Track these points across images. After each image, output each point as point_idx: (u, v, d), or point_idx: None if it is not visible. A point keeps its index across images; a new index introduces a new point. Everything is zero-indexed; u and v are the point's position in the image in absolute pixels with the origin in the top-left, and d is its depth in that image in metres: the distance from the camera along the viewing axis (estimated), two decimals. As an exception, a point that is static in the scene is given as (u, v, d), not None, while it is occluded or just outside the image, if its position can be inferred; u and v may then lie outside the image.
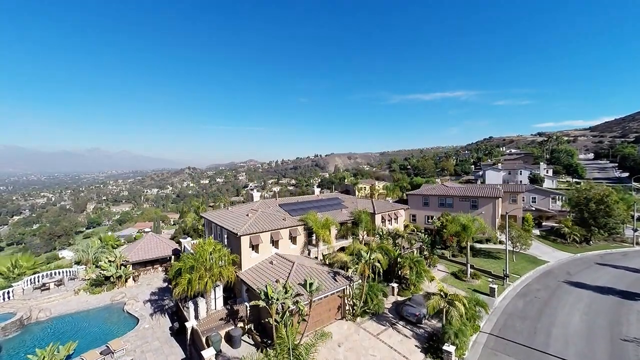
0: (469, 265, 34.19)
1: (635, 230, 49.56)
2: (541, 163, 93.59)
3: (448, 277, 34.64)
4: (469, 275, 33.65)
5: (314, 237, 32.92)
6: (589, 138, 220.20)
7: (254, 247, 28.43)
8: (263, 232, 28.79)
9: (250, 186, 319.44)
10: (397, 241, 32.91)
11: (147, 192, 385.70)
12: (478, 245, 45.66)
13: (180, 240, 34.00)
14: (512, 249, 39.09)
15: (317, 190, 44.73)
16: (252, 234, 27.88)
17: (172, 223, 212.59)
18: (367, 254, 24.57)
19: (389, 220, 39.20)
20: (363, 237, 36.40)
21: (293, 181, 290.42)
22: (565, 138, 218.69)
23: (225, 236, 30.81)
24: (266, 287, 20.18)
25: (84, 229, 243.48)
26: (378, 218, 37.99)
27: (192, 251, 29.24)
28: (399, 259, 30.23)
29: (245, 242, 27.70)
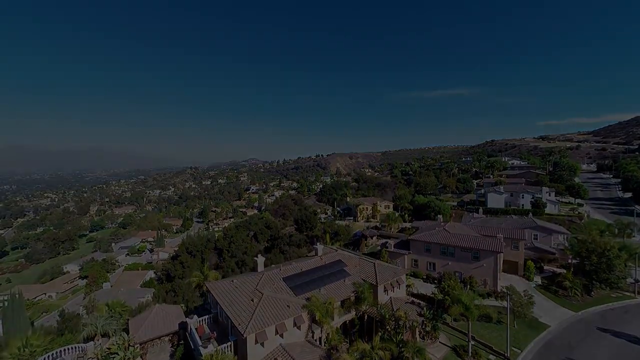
0: (470, 344, 34.80)
1: (637, 281, 49.93)
2: (543, 188, 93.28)
3: (450, 354, 35.23)
4: (470, 354, 34.24)
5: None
6: (593, 144, 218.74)
7: (260, 343, 28.98)
8: (268, 326, 29.29)
9: (252, 189, 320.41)
10: (399, 323, 33.45)
11: (149, 193, 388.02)
12: (478, 302, 46.07)
13: (187, 320, 34.62)
14: (512, 306, 39.36)
15: (320, 249, 44.98)
16: (257, 332, 28.39)
17: (175, 231, 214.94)
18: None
19: (391, 290, 39.77)
20: (366, 310, 37.14)
21: (294, 184, 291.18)
22: (568, 144, 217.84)
23: (230, 324, 31.33)
24: None
25: (88, 232, 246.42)
26: (380, 289, 38.55)
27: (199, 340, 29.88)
28: (401, 346, 30.78)
29: (251, 340, 28.27)
